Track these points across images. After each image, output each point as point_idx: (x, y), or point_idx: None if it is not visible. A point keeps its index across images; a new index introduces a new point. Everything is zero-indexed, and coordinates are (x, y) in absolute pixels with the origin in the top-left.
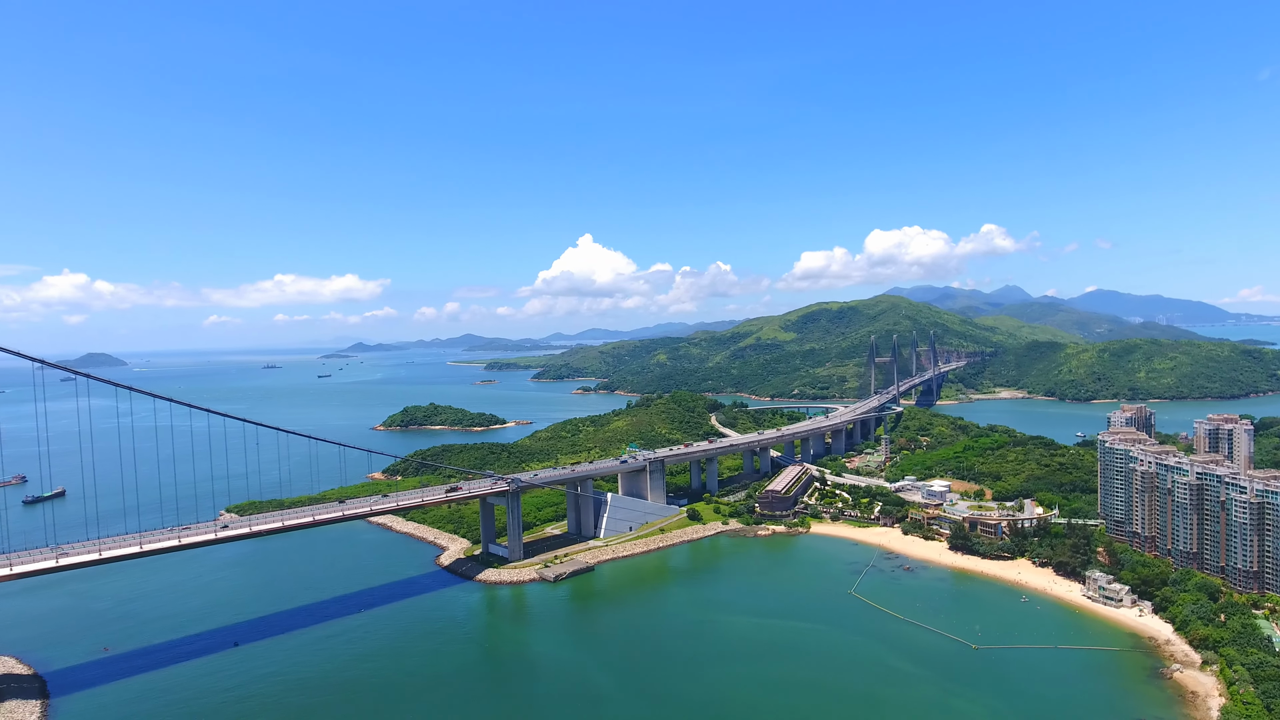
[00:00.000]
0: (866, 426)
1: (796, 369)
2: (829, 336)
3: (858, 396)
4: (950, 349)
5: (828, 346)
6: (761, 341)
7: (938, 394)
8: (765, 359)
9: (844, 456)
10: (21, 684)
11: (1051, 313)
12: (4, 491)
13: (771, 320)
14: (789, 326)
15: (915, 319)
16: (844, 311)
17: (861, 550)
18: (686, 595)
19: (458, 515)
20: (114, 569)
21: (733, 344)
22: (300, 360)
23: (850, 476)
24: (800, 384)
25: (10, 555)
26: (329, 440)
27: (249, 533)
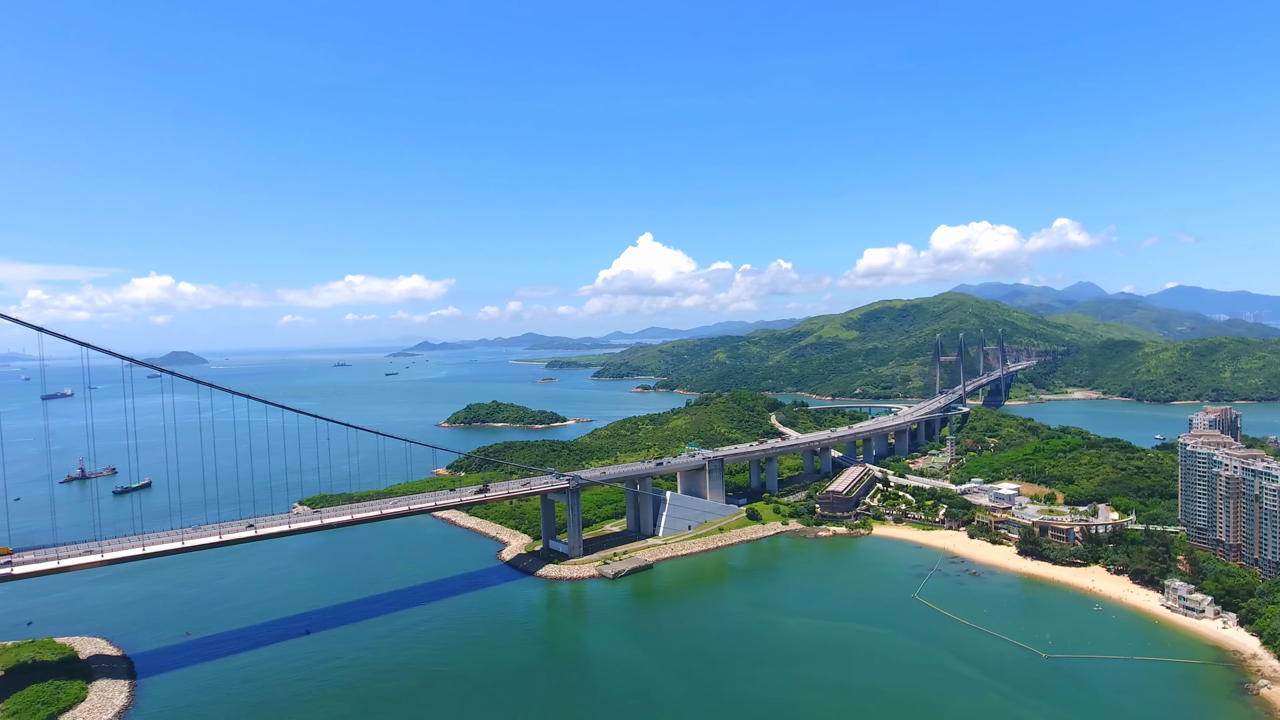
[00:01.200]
0: (931, 427)
1: (858, 368)
2: (892, 335)
3: (922, 396)
4: (1019, 348)
5: (891, 345)
6: (823, 340)
7: (1006, 394)
8: (826, 358)
9: (907, 457)
10: (112, 665)
11: (1128, 310)
12: (96, 482)
13: (833, 318)
14: (851, 325)
15: (982, 317)
16: (908, 309)
17: (925, 553)
18: (745, 595)
19: (519, 511)
20: (195, 557)
21: (793, 342)
22: (368, 358)
23: (914, 478)
24: (862, 383)
25: (102, 543)
26: (396, 436)
27: (320, 525)
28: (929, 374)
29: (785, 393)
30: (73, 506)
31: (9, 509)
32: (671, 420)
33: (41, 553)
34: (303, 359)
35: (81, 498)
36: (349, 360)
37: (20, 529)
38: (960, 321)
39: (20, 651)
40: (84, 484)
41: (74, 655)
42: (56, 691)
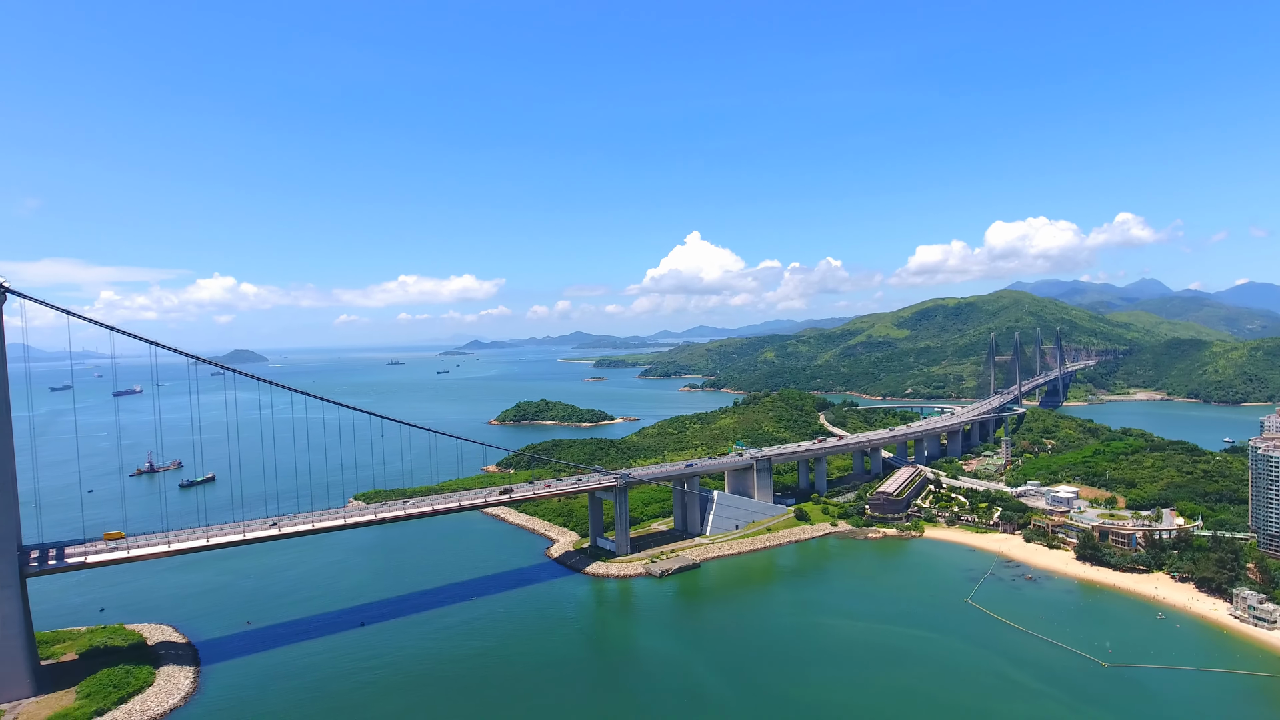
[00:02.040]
0: (985, 428)
1: (910, 367)
2: (945, 334)
3: (975, 396)
4: (1078, 347)
5: (943, 344)
6: (873, 339)
7: (1064, 395)
8: (877, 357)
9: (960, 459)
10: (177, 651)
11: (1195, 308)
12: (163, 476)
13: (884, 317)
14: (902, 323)
15: (1039, 315)
16: (961, 307)
17: (979, 557)
18: (793, 596)
19: (567, 509)
20: (255, 549)
21: (843, 341)
22: (420, 357)
23: (967, 480)
24: (914, 383)
25: (169, 534)
26: (447, 434)
27: (374, 519)
28: (983, 374)
29: (834, 392)
30: (142, 499)
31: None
32: (719, 419)
33: (114, 542)
34: (358, 357)
35: (150, 490)
36: (402, 359)
37: (93, 520)
38: (1016, 320)
39: (94, 637)
40: (152, 477)
41: (143, 641)
42: (126, 676)
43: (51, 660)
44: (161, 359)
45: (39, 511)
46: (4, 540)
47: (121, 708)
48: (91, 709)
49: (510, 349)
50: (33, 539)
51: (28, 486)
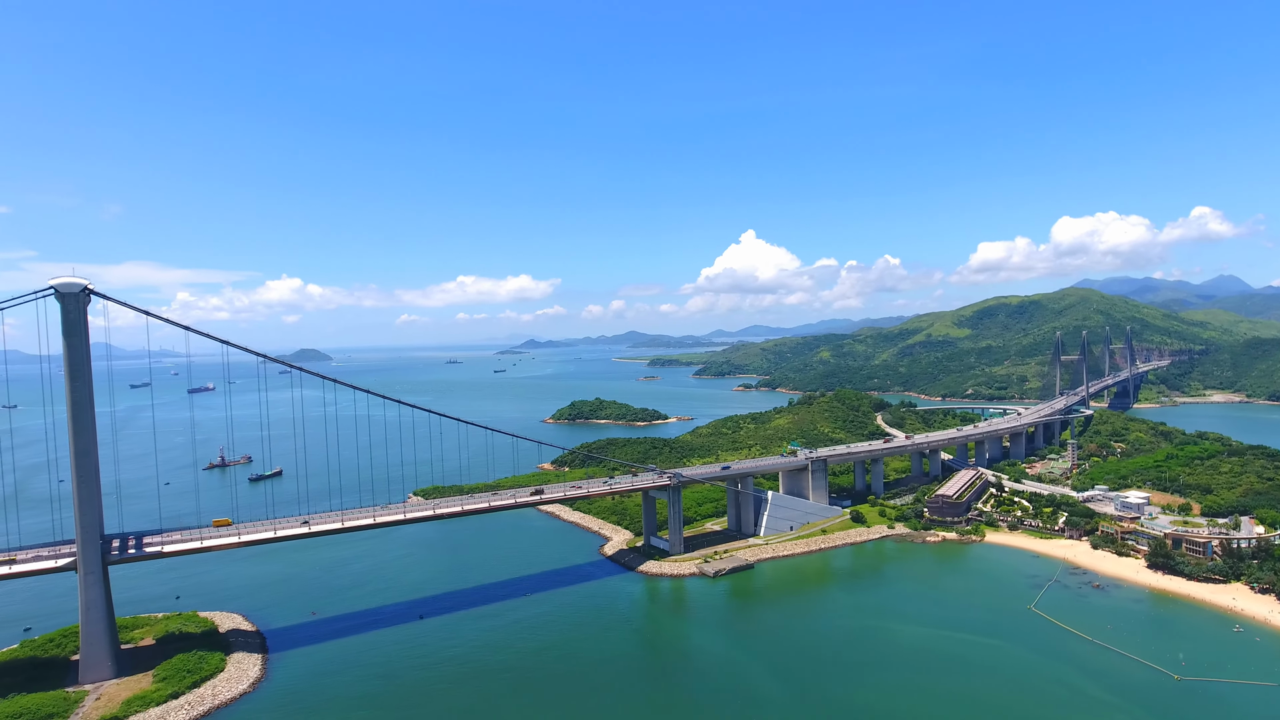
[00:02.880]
0: (1050, 430)
1: (970, 367)
2: (1008, 333)
3: (1040, 398)
4: (1150, 346)
5: (1006, 344)
6: (932, 338)
7: (1135, 396)
8: (936, 356)
9: (1024, 462)
10: (247, 639)
11: (1277, 305)
12: (234, 470)
13: (943, 316)
14: (963, 322)
15: (1108, 313)
16: (1025, 306)
17: (1043, 563)
18: (849, 599)
19: (621, 507)
20: (320, 541)
21: (900, 341)
22: (478, 356)
23: (1031, 483)
24: (974, 383)
25: (238, 526)
26: (503, 431)
27: (432, 515)
28: (1048, 374)
29: (892, 392)
30: (214, 491)
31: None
32: (773, 419)
33: (188, 533)
34: (417, 356)
35: (221, 484)
36: (460, 358)
37: (169, 511)
38: (1083, 318)
39: (169, 623)
40: (224, 471)
41: (214, 629)
42: (200, 661)
43: (131, 645)
44: (233, 357)
45: (120, 502)
46: (88, 530)
47: (194, 692)
48: (167, 692)
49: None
50: (114, 528)
51: (109, 479)
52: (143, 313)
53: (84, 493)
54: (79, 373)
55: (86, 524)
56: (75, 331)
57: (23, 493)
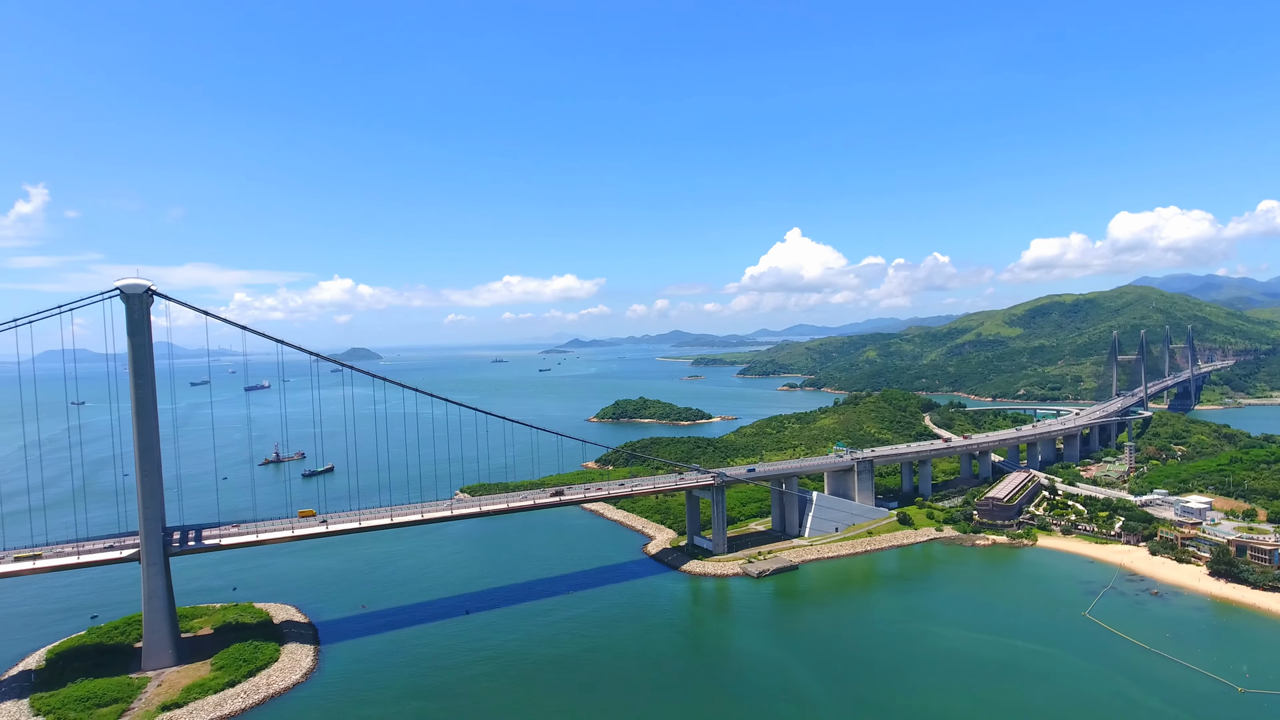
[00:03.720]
0: (1106, 432)
1: (1022, 367)
2: (1061, 332)
3: (1095, 399)
4: (1213, 346)
5: (1060, 343)
6: (982, 337)
7: (1196, 398)
8: (986, 356)
9: (1078, 464)
10: (300, 630)
11: None
12: (288, 465)
13: (994, 314)
14: (1014, 321)
15: (1168, 312)
16: (1080, 304)
17: (1098, 569)
18: (895, 602)
19: (664, 506)
20: (369, 536)
21: (949, 340)
22: (523, 355)
23: (1085, 487)
24: (1026, 383)
25: (292, 520)
26: (548, 430)
27: (478, 512)
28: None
29: (940, 393)
30: (269, 487)
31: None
32: (819, 419)
33: (244, 527)
34: (464, 355)
35: (276, 479)
36: (505, 357)
37: (227, 505)
38: (1141, 317)
39: (226, 614)
40: (278, 467)
41: (269, 620)
42: (255, 651)
43: (190, 634)
44: (287, 356)
45: (180, 496)
46: (151, 522)
47: (250, 681)
48: (224, 680)
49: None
50: (175, 521)
51: (171, 473)
52: (202, 313)
53: (147, 486)
54: (143, 371)
55: (149, 517)
56: (139, 331)
57: (90, 486)
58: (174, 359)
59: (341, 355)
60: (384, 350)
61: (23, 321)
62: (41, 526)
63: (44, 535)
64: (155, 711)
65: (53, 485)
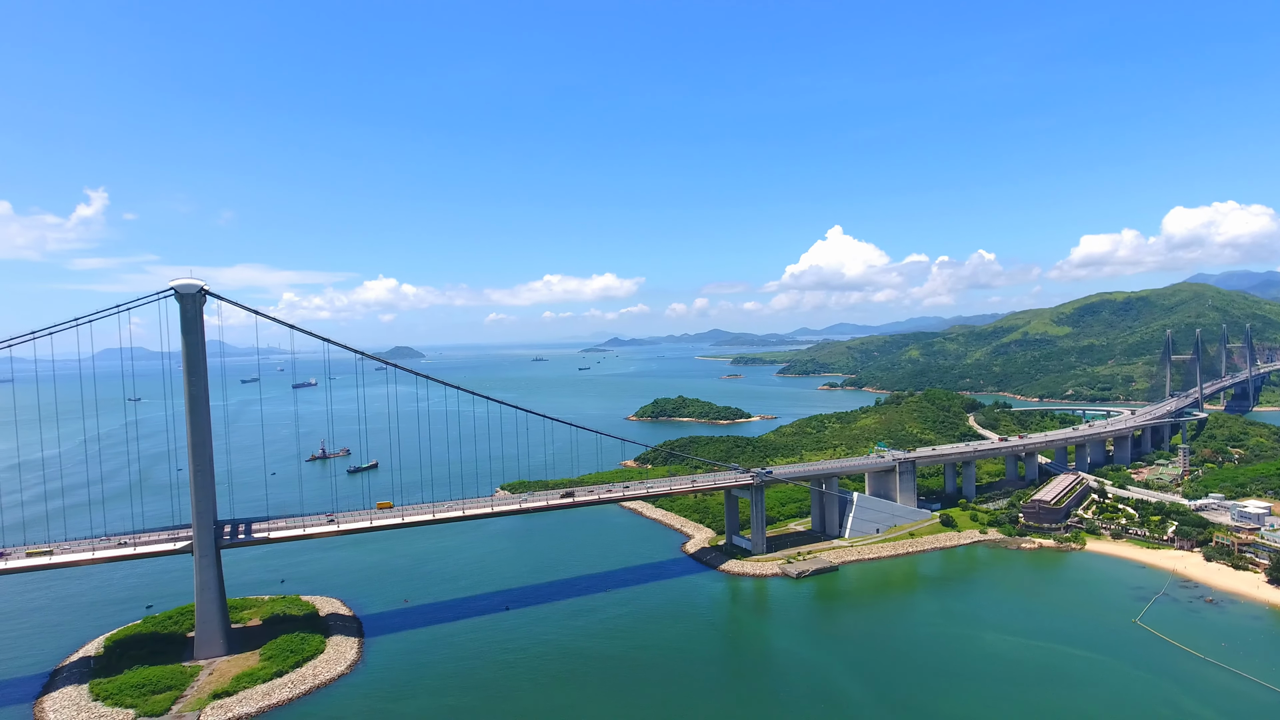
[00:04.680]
0: (1159, 434)
1: (1070, 367)
2: (1112, 331)
3: (1148, 399)
4: (1273, 345)
5: (1110, 342)
6: (1029, 336)
7: (1255, 399)
8: (1033, 355)
9: (1129, 467)
10: (344, 623)
11: None
12: (334, 461)
13: (1041, 313)
14: (1062, 320)
15: (1225, 310)
16: (1132, 302)
17: (1149, 574)
18: (938, 605)
19: (703, 505)
20: (412, 532)
21: (995, 339)
22: (563, 354)
23: (1137, 490)
24: (1075, 383)
25: (337, 515)
26: (587, 428)
27: (518, 509)
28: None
29: (985, 393)
30: (315, 482)
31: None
32: (859, 419)
33: (291, 521)
34: (505, 354)
35: (322, 474)
36: (545, 355)
37: (275, 499)
38: (1197, 315)
39: (275, 605)
40: (324, 463)
41: (315, 612)
42: (302, 643)
43: (240, 624)
44: (333, 355)
45: (231, 490)
46: (203, 515)
47: (297, 671)
48: (272, 670)
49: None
50: (225, 515)
51: (222, 468)
52: (253, 312)
53: (200, 481)
54: (196, 368)
55: (202, 510)
56: (192, 329)
57: (145, 480)
58: (225, 357)
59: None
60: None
61: (83, 321)
62: (100, 518)
63: (102, 527)
64: (207, 699)
65: (111, 479)
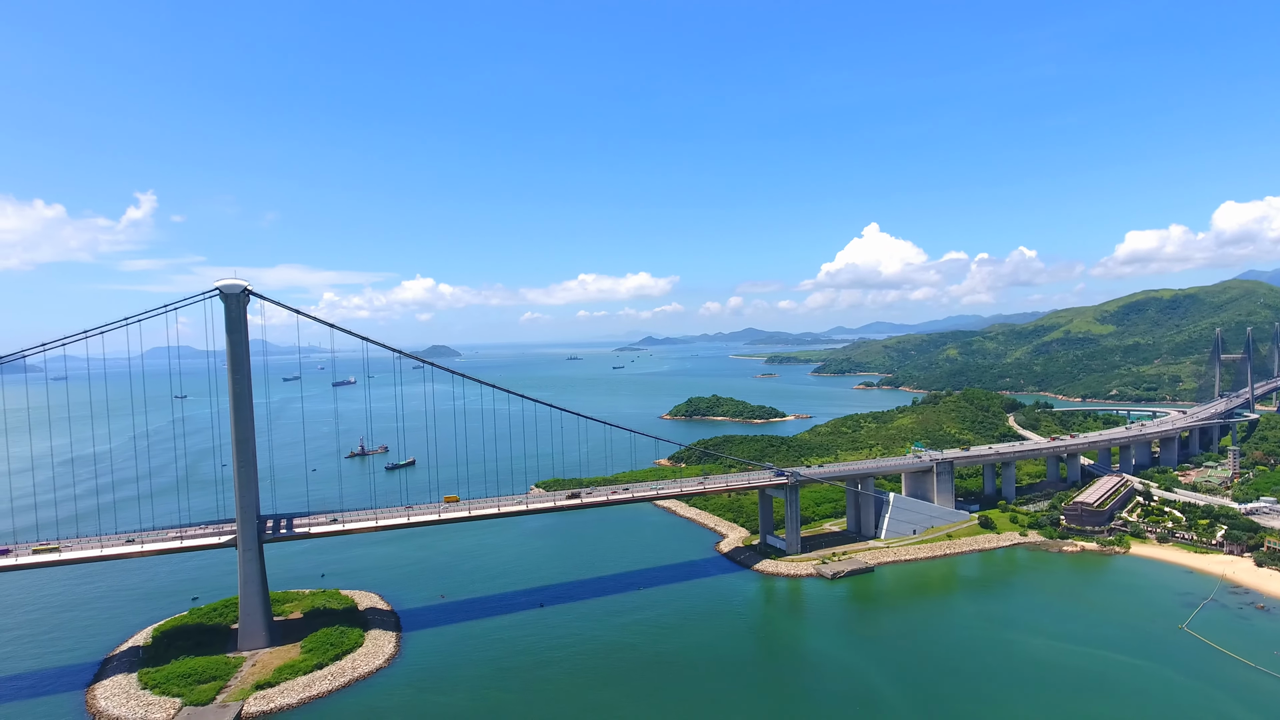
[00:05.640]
0: (1208, 435)
1: (1115, 366)
2: (1158, 329)
3: (1195, 399)
4: None
5: (1156, 341)
6: (1071, 335)
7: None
8: (1075, 355)
9: (1176, 469)
10: (382, 617)
11: None
12: (372, 458)
13: (1084, 311)
14: (1106, 318)
15: (1278, 308)
16: (1179, 300)
17: (1197, 580)
18: (976, 608)
19: (737, 505)
20: (448, 528)
21: (1035, 338)
22: (597, 353)
23: (1184, 492)
24: (1119, 383)
25: (376, 511)
26: (621, 427)
27: (552, 507)
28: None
29: (1025, 392)
30: (354, 478)
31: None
32: (896, 419)
33: (332, 516)
34: (539, 352)
35: (361, 471)
36: (580, 354)
37: (315, 495)
38: (1248, 313)
39: (315, 599)
40: (363, 459)
41: (354, 606)
42: (341, 636)
43: (282, 617)
44: (371, 353)
45: (273, 486)
46: (247, 510)
47: (336, 664)
48: (313, 662)
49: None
50: (268, 510)
51: (264, 464)
52: (294, 311)
53: (244, 477)
54: (240, 367)
55: (245, 505)
56: (236, 329)
57: (191, 475)
58: (268, 355)
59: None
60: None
61: (132, 320)
62: (149, 512)
63: (150, 520)
64: (250, 690)
65: (158, 474)
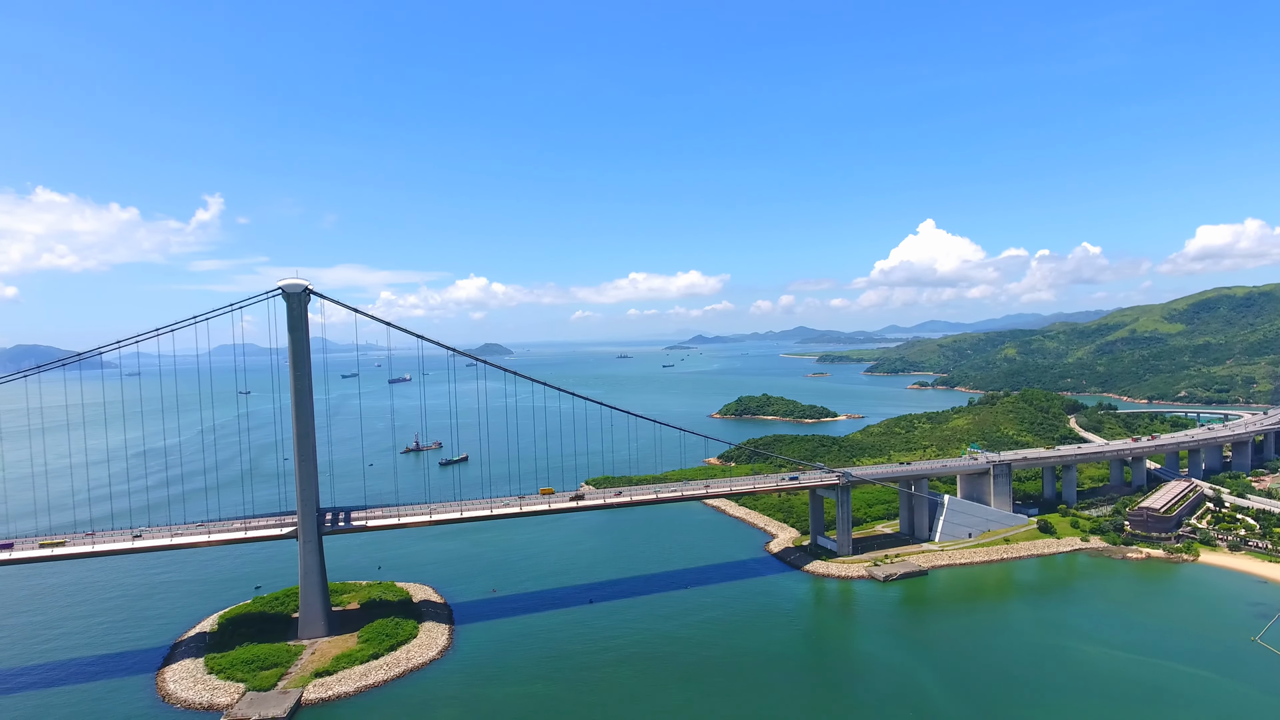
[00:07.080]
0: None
1: (1184, 367)
2: (1231, 328)
3: (1271, 402)
4: None
5: (1229, 340)
6: (1137, 334)
7: None
8: (1141, 354)
9: (1249, 475)
10: (436, 610)
11: None
12: (427, 454)
13: (1151, 310)
14: (1174, 316)
15: None
16: (1254, 298)
17: (1271, 590)
18: (1033, 615)
19: (787, 505)
20: (500, 524)
21: (1099, 337)
22: (647, 351)
23: (1258, 499)
24: (1188, 384)
25: (430, 505)
26: (671, 425)
27: (602, 504)
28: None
29: (1088, 393)
30: (409, 473)
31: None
32: (951, 419)
33: (388, 510)
34: (590, 351)
35: (416, 467)
36: (630, 353)
37: (372, 490)
38: None
39: (372, 591)
40: (418, 455)
41: (409, 599)
42: (396, 627)
43: (339, 608)
44: (426, 351)
45: (332, 480)
46: (307, 503)
47: (391, 654)
48: (369, 652)
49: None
50: (327, 503)
51: (324, 459)
52: (352, 310)
53: (304, 470)
54: (301, 364)
55: (306, 498)
56: (298, 327)
57: (255, 469)
58: (327, 353)
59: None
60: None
61: (200, 319)
62: (215, 503)
63: (216, 512)
64: (309, 677)
65: (224, 467)
